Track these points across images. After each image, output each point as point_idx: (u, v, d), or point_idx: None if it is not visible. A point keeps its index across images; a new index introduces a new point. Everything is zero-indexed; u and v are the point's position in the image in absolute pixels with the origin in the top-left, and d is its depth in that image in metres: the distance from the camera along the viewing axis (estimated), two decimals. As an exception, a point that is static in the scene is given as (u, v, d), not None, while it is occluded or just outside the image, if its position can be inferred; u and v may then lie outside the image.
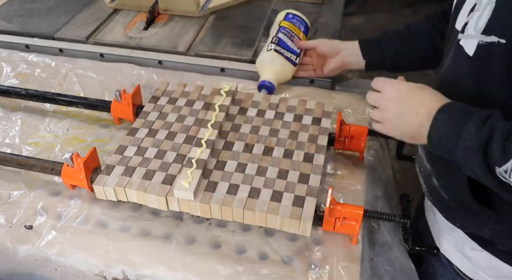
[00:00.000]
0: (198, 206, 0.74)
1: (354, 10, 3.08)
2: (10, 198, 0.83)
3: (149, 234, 0.76)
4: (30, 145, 0.93)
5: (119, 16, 1.29)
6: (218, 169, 0.79)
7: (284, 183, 0.76)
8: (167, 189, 0.75)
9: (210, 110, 0.89)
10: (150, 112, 0.90)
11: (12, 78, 1.10)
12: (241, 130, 0.86)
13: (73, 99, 0.97)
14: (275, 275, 0.70)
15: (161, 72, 1.11)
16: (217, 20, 1.27)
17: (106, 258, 0.73)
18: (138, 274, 0.72)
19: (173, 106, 0.91)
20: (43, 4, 1.34)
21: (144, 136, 0.85)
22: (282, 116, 0.89)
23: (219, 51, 1.15)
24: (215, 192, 0.75)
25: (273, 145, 0.83)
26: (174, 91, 0.95)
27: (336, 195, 0.82)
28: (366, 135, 0.86)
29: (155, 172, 0.78)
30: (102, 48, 1.17)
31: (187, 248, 0.74)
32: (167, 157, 0.80)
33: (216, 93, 0.93)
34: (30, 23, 1.26)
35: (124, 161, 0.80)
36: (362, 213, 0.72)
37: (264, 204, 0.73)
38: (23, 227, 0.78)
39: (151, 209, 0.80)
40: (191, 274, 0.71)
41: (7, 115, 1.01)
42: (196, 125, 0.87)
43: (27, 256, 0.75)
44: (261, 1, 1.35)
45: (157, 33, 1.22)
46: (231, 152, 0.82)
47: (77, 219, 0.79)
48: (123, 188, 0.75)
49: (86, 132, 0.96)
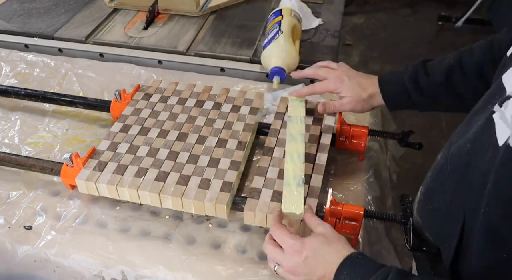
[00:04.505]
0: (192, 204, 0.74)
1: (354, 9, 3.08)
2: (9, 198, 0.82)
3: (149, 234, 0.76)
4: (30, 145, 0.93)
5: (119, 16, 1.29)
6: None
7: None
8: (160, 186, 0.75)
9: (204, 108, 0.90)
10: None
11: (11, 77, 1.10)
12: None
13: (72, 99, 0.97)
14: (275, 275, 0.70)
15: (161, 71, 1.10)
16: (216, 20, 1.27)
17: (105, 258, 0.73)
18: (138, 274, 0.72)
19: (165, 104, 0.92)
20: (43, 3, 1.34)
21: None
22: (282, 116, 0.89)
23: (219, 51, 1.15)
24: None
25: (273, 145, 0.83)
26: (166, 88, 0.95)
27: (336, 195, 0.82)
28: (366, 135, 0.86)
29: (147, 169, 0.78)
30: (102, 47, 1.17)
31: (187, 249, 0.74)
32: (160, 154, 0.81)
33: (208, 90, 0.94)
34: (30, 23, 1.26)
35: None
36: (362, 213, 0.72)
37: (265, 204, 0.73)
38: (23, 228, 0.77)
39: (151, 209, 0.80)
40: (191, 274, 0.71)
41: (6, 115, 1.01)
42: (188, 122, 0.87)
43: (26, 257, 0.75)
44: (261, 0, 1.35)
45: (156, 33, 1.22)
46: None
47: (76, 219, 0.78)
48: (115, 186, 0.76)
49: (86, 132, 0.96)
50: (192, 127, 0.86)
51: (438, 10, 3.03)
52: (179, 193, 0.74)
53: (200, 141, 0.83)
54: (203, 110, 0.89)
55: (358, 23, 3.05)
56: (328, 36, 1.20)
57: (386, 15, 3.14)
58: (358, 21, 3.07)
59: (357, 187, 0.84)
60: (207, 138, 0.83)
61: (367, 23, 3.06)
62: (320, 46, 1.16)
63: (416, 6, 3.20)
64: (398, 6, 3.21)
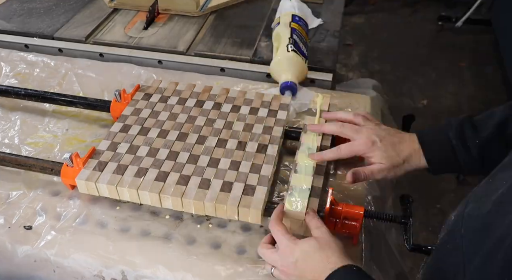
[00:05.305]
0: (192, 204, 0.74)
1: (354, 9, 3.08)
2: (9, 198, 0.82)
3: (149, 235, 0.76)
4: (29, 145, 0.93)
5: (119, 16, 1.29)
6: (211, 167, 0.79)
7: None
8: (160, 186, 0.75)
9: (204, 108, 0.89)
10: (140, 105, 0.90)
11: (11, 77, 1.10)
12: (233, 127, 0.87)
13: (72, 99, 0.97)
14: (275, 275, 0.70)
15: (161, 72, 1.10)
16: (217, 20, 1.27)
17: (105, 258, 0.73)
18: (138, 274, 0.72)
19: (165, 104, 0.91)
20: (43, 3, 1.34)
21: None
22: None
23: (219, 51, 1.15)
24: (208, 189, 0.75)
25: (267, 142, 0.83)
26: (166, 88, 0.95)
27: (336, 195, 0.82)
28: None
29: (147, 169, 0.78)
30: (102, 47, 1.17)
31: (187, 249, 0.74)
32: (160, 154, 0.81)
33: (208, 90, 0.93)
34: (29, 23, 1.26)
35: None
36: (362, 213, 0.72)
37: (259, 201, 0.73)
38: (22, 228, 0.77)
39: (151, 209, 0.80)
40: (191, 274, 0.71)
41: (6, 115, 1.00)
42: (188, 122, 0.87)
43: (26, 257, 0.75)
44: (261, 0, 1.35)
45: (156, 33, 1.22)
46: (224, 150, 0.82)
47: (76, 219, 0.78)
48: (115, 186, 0.76)
49: (86, 132, 0.96)
50: (192, 127, 0.86)
51: (438, 10, 3.03)
52: (179, 193, 0.74)
53: (200, 141, 0.83)
54: (203, 110, 0.90)
55: (358, 23, 3.05)
56: (328, 36, 1.20)
57: (386, 15, 3.14)
58: (358, 21, 3.07)
59: (357, 187, 0.84)
60: (207, 138, 0.83)
61: (367, 23, 3.06)
62: (320, 46, 1.16)
63: (416, 6, 3.20)
64: (398, 6, 3.21)
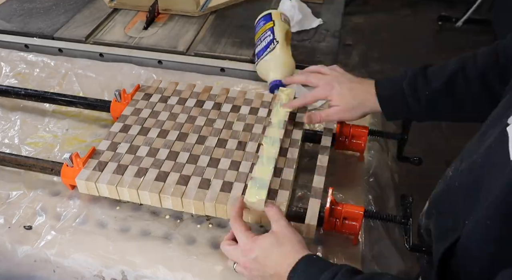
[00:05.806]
0: (192, 204, 0.74)
1: (354, 9, 3.08)
2: (9, 198, 0.82)
3: (148, 234, 0.76)
4: (29, 145, 0.93)
5: (119, 16, 1.29)
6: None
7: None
8: (160, 186, 0.75)
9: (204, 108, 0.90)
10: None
11: (11, 77, 1.10)
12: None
13: (72, 99, 0.97)
14: (275, 275, 0.70)
15: (161, 72, 1.10)
16: (217, 20, 1.27)
17: (105, 258, 0.73)
18: (138, 274, 0.72)
19: (165, 104, 0.91)
20: (43, 3, 1.34)
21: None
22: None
23: (219, 50, 1.15)
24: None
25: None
26: (166, 88, 0.95)
27: (336, 195, 0.82)
28: (366, 135, 0.86)
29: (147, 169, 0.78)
30: (102, 47, 1.17)
31: (187, 248, 0.74)
32: (160, 154, 0.81)
33: (208, 90, 0.93)
34: (29, 23, 1.26)
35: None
36: (362, 213, 0.72)
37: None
38: (22, 228, 0.77)
39: (151, 209, 0.80)
40: (191, 274, 0.71)
41: (6, 115, 1.00)
42: (188, 122, 0.87)
43: (26, 257, 0.75)
44: (261, 0, 1.35)
45: (156, 33, 1.22)
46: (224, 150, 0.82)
47: (76, 219, 0.78)
48: (115, 186, 0.76)
49: (86, 132, 0.96)
50: (192, 127, 0.86)
51: (438, 10, 3.03)
52: (179, 193, 0.74)
53: (200, 141, 0.83)
54: (203, 110, 0.89)
55: (358, 23, 3.05)
56: (328, 36, 1.20)
57: (386, 15, 3.14)
58: (358, 21, 3.07)
59: (357, 187, 0.84)
60: (207, 138, 0.83)
61: (367, 23, 3.06)
62: (320, 46, 1.16)
63: (416, 6, 3.20)
64: (398, 6, 3.21)
